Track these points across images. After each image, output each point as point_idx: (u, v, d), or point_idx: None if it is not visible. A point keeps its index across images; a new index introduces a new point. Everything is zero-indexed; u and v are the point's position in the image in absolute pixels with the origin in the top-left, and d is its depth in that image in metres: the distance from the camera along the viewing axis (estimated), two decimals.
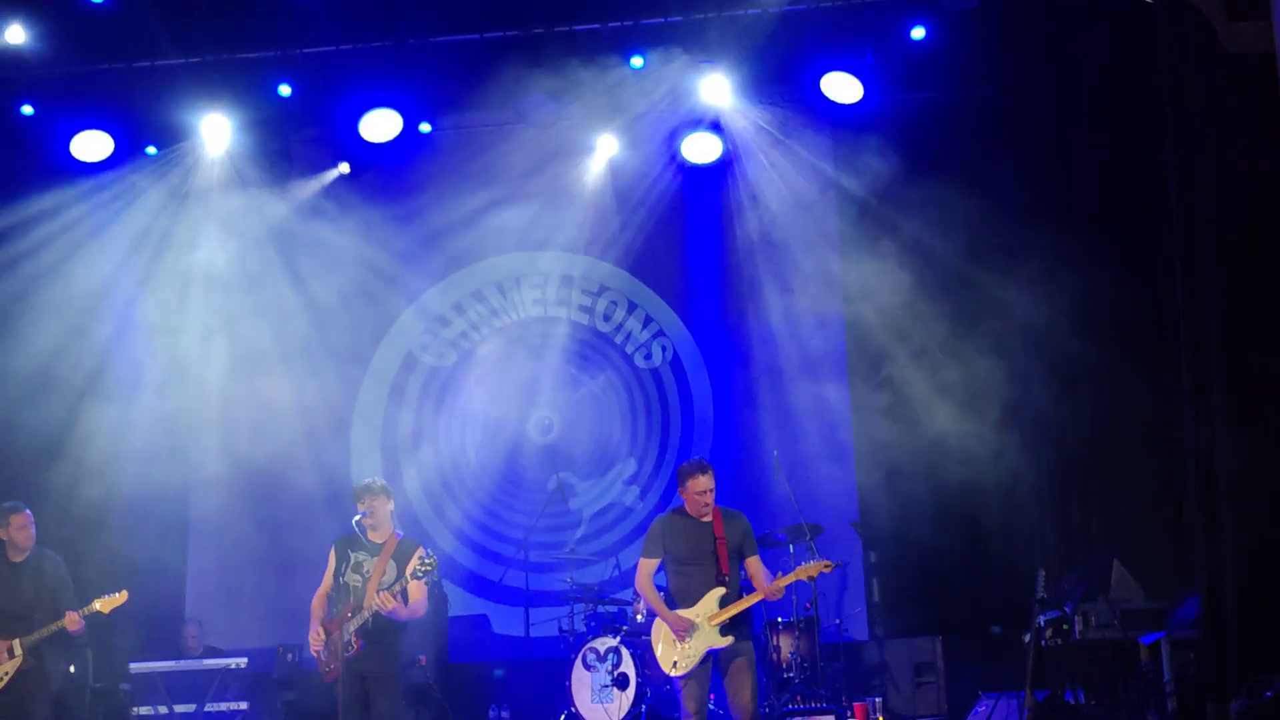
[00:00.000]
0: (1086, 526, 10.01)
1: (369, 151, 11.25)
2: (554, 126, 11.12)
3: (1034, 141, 10.46)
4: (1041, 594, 8.17)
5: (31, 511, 8.45)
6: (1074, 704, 8.48)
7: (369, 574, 7.45)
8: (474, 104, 11.06)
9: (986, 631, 10.14)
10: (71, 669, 9.40)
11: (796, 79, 10.65)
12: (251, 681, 10.02)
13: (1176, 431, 8.52)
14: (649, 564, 7.62)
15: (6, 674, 8.14)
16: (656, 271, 11.99)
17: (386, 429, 12.07)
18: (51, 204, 11.09)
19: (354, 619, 7.37)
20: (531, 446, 11.88)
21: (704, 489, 7.47)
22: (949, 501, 10.52)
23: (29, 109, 10.79)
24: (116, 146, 11.01)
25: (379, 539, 7.57)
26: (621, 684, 9.27)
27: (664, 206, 11.75)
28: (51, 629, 8.18)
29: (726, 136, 11.28)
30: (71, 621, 8.18)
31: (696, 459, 7.66)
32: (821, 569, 7.62)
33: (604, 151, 11.63)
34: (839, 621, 10.24)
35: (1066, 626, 8.55)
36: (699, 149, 11.32)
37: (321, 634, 7.44)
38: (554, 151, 11.49)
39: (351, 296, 11.77)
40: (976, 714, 9.15)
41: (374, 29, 10.51)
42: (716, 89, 10.80)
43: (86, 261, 11.18)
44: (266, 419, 11.22)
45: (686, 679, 7.41)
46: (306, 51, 10.61)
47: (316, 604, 7.57)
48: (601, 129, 11.41)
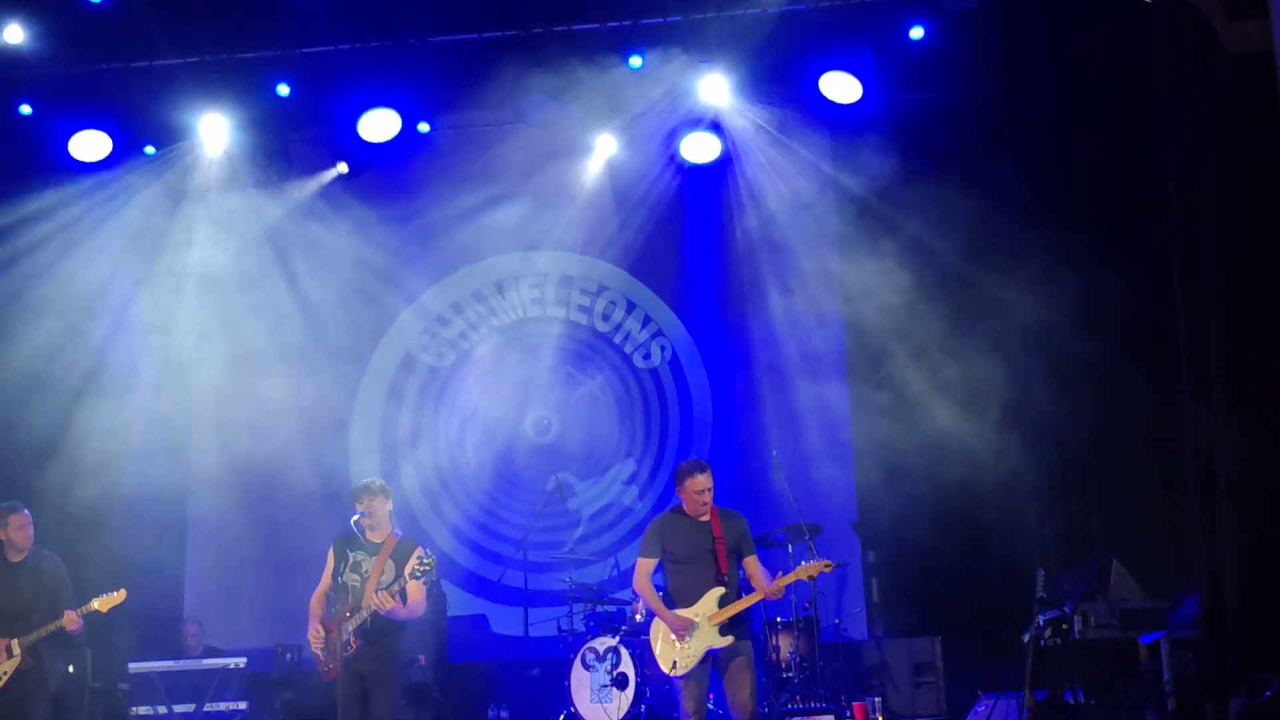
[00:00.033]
0: (1086, 526, 10.01)
1: (367, 151, 11.24)
2: (553, 126, 11.11)
3: (1034, 141, 10.45)
4: (1041, 594, 8.18)
5: (29, 511, 8.45)
6: (1073, 704, 8.47)
7: (367, 574, 7.45)
8: (473, 104, 11.04)
9: (986, 631, 10.12)
10: (70, 669, 9.38)
11: (795, 79, 10.63)
12: (250, 681, 10.01)
13: (1176, 431, 8.52)
14: (647, 564, 7.62)
15: (5, 674, 8.14)
16: (655, 271, 11.98)
17: (385, 429, 12.06)
18: (49, 203, 11.07)
19: (352, 619, 7.37)
20: (530, 446, 11.87)
21: (702, 488, 7.47)
22: (948, 501, 10.50)
23: (27, 108, 10.78)
24: (115, 146, 11.00)
25: (377, 539, 7.57)
26: (620, 684, 9.26)
27: (663, 206, 11.73)
28: (50, 629, 8.19)
29: (725, 136, 11.26)
30: (70, 621, 8.18)
31: (695, 458, 7.69)
32: (822, 569, 7.63)
33: (603, 151, 11.61)
34: (838, 621, 10.22)
35: (1066, 626, 8.53)
36: (698, 149, 11.30)
37: (321, 631, 7.44)
38: (553, 151, 11.49)
39: (350, 296, 11.77)
40: (976, 714, 9.15)
41: (373, 28, 10.50)
42: (715, 89, 10.79)
43: (84, 261, 11.16)
44: (265, 419, 11.20)
45: (686, 679, 7.40)
46: (305, 51, 10.59)
47: (315, 603, 7.57)
48: (600, 129, 11.40)
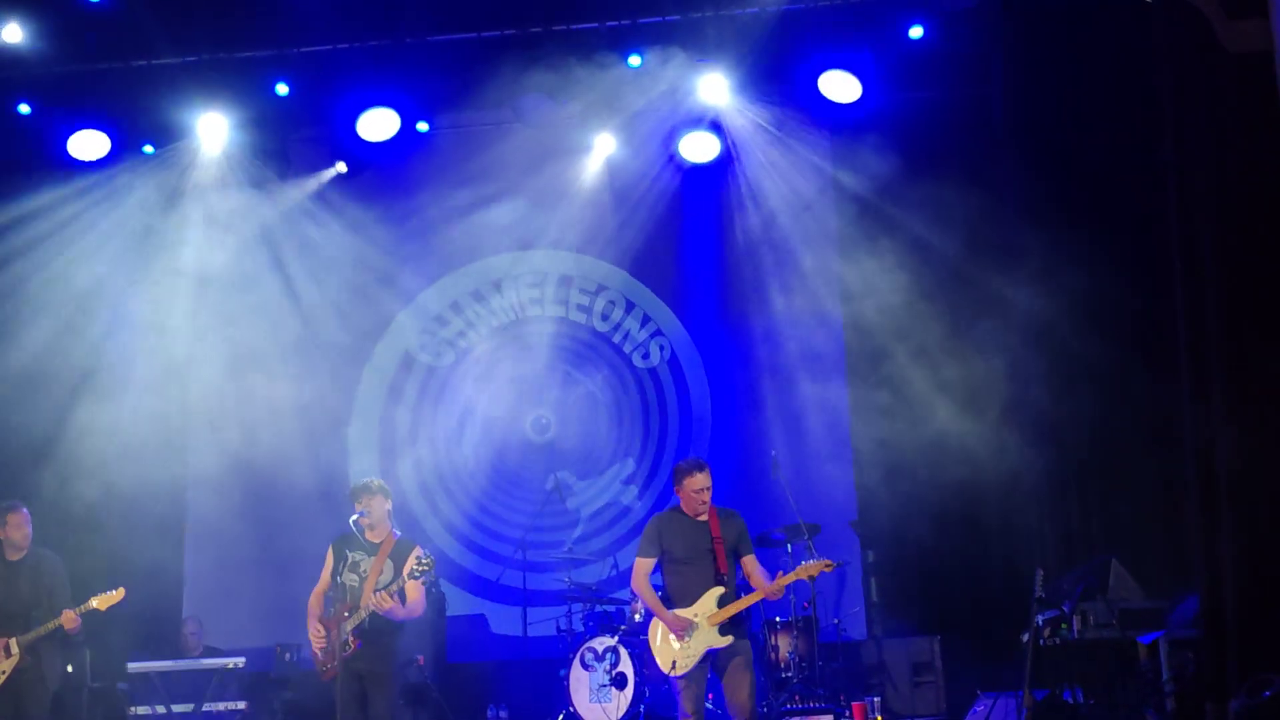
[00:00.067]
0: (1086, 526, 10.00)
1: (366, 150, 11.23)
2: (552, 126, 11.09)
3: (1034, 141, 10.44)
4: (1040, 593, 8.17)
5: (28, 510, 8.44)
6: (1072, 703, 8.45)
7: (366, 573, 7.44)
8: (472, 103, 11.05)
9: (985, 631, 10.11)
10: (69, 668, 9.37)
11: (795, 78, 10.63)
12: (249, 681, 9.99)
13: (1176, 431, 8.51)
14: (645, 563, 7.60)
15: (4, 673, 8.13)
16: (654, 271, 11.97)
17: (384, 428, 12.05)
18: (48, 202, 11.07)
19: (351, 618, 7.36)
20: (529, 446, 11.86)
21: (701, 487, 7.46)
22: (948, 501, 10.50)
23: (26, 108, 10.79)
24: (113, 145, 11.00)
25: (376, 538, 7.56)
26: (619, 683, 9.25)
27: (662, 206, 11.72)
28: (49, 627, 8.18)
29: (725, 135, 11.25)
30: (69, 620, 8.17)
31: (693, 458, 7.69)
32: (822, 568, 7.62)
33: (602, 150, 11.60)
34: (837, 621, 10.22)
35: (1065, 626, 8.53)
36: (697, 148, 11.29)
37: (321, 630, 7.43)
38: (552, 151, 11.48)
39: (349, 296, 11.76)
40: (975, 713, 9.14)
41: (371, 28, 10.50)
42: (715, 88, 10.78)
43: (83, 260, 11.16)
44: (264, 418, 11.19)
45: (684, 679, 7.39)
46: (304, 50, 10.60)
47: (313, 602, 7.56)
48: (599, 128, 11.38)
